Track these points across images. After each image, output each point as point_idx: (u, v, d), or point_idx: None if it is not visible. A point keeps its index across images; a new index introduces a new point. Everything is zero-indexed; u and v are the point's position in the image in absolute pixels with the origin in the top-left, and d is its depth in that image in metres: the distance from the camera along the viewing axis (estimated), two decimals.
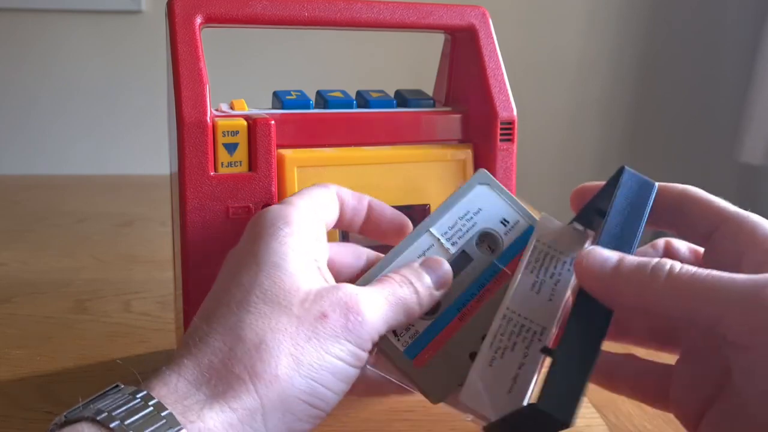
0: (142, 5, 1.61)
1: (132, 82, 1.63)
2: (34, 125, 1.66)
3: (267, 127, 0.36)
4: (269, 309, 0.27)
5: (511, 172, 0.41)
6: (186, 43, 0.35)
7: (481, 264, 0.33)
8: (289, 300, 0.27)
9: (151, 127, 1.61)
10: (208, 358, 0.26)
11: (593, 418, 0.37)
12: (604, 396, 0.40)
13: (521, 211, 0.34)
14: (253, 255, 0.29)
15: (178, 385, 0.25)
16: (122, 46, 1.63)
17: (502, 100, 0.41)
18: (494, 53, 0.42)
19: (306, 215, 0.30)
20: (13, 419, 0.36)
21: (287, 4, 0.37)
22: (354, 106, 0.40)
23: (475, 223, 0.34)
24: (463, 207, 0.34)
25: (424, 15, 0.40)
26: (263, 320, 0.26)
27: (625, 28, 1.73)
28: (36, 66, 1.63)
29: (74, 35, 1.63)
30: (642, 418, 0.37)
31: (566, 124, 1.76)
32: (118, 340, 0.46)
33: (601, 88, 1.75)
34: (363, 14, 0.39)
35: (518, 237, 0.34)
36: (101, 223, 0.78)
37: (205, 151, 0.35)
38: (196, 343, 0.26)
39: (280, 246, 0.28)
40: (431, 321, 0.32)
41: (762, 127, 1.53)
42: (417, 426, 0.36)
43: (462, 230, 0.34)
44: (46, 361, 0.42)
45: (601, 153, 1.78)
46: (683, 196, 0.32)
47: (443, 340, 0.32)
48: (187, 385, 0.25)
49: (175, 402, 0.24)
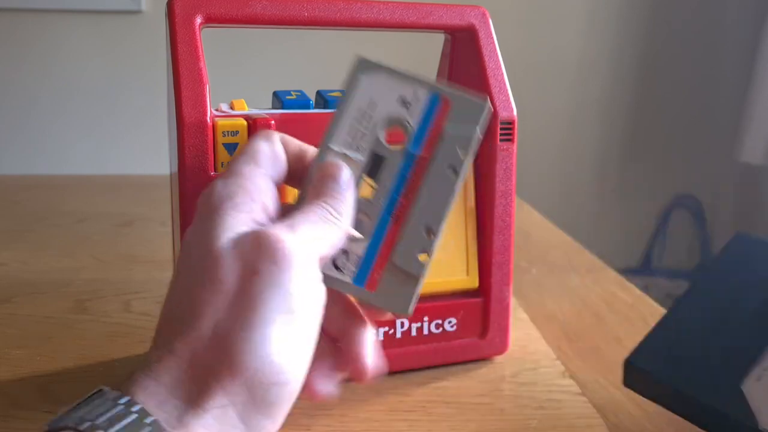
0: (142, 5, 1.61)
1: (132, 82, 1.63)
2: (35, 125, 1.66)
3: (267, 127, 0.36)
4: (213, 298, 0.26)
5: (511, 172, 0.41)
6: (186, 43, 0.35)
7: (396, 158, 0.30)
8: (225, 282, 0.26)
9: (151, 127, 1.60)
10: (175, 362, 0.25)
11: (593, 418, 0.37)
12: (604, 396, 0.40)
13: (417, 82, 0.31)
14: (196, 240, 0.28)
15: (157, 390, 0.25)
16: (122, 46, 1.63)
17: (502, 100, 0.41)
18: (494, 53, 0.42)
19: (250, 182, 0.29)
20: (13, 419, 0.36)
21: (287, 4, 0.38)
22: None
23: (372, 118, 0.31)
24: (354, 108, 0.31)
25: (424, 15, 0.40)
26: (209, 311, 0.26)
27: (625, 28, 1.73)
28: (36, 66, 1.63)
29: (74, 35, 1.63)
30: (642, 418, 0.37)
31: (566, 124, 1.75)
32: (118, 340, 0.46)
33: (601, 88, 1.75)
34: (363, 14, 0.39)
35: (424, 112, 0.31)
36: (101, 223, 0.78)
37: (205, 150, 0.35)
38: (160, 346, 0.26)
39: (214, 228, 0.27)
40: (369, 240, 0.30)
41: (762, 127, 1.53)
42: (417, 425, 0.36)
43: (363, 132, 0.31)
44: (46, 361, 0.42)
45: (601, 153, 1.78)
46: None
47: (387, 252, 0.30)
48: (164, 389, 0.25)
49: (156, 408, 0.24)
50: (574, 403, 0.39)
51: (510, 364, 0.43)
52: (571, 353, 0.45)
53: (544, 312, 0.52)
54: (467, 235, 0.42)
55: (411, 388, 0.40)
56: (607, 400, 0.39)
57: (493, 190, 0.41)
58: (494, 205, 0.41)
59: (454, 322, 0.42)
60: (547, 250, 0.69)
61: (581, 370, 0.43)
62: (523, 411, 0.38)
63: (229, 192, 0.28)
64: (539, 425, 0.36)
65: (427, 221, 0.30)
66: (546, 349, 0.46)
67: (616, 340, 0.47)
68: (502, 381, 0.41)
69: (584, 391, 0.40)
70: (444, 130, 0.30)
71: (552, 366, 0.43)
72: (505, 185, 0.41)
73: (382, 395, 0.39)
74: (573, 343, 0.47)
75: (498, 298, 0.42)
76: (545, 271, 0.62)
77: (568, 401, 0.39)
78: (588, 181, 1.78)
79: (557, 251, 0.69)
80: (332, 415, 0.37)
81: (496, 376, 0.42)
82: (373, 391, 0.39)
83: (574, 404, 0.39)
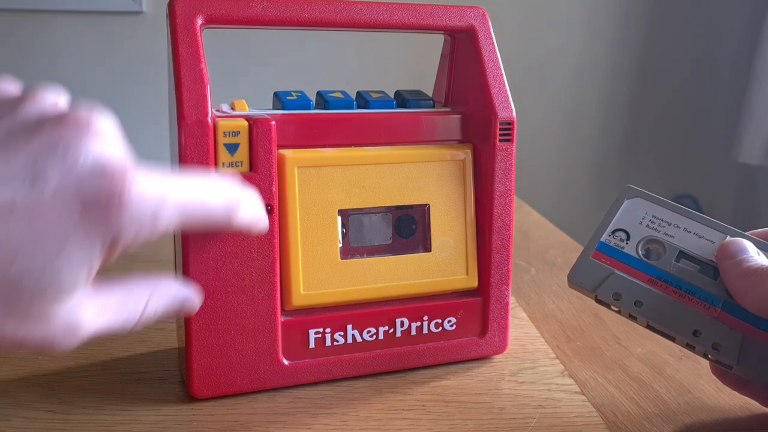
0: (144, 6, 1.61)
1: (133, 82, 1.64)
2: None
3: (268, 128, 0.36)
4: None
5: (510, 172, 0.42)
6: (187, 44, 0.35)
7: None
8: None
9: (152, 128, 1.61)
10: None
11: (592, 416, 0.37)
12: (603, 394, 0.40)
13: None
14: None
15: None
16: (123, 47, 1.63)
17: (502, 100, 0.41)
18: (494, 54, 0.42)
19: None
20: (14, 418, 0.36)
21: (288, 5, 0.38)
22: (354, 107, 0.40)
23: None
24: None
25: (424, 16, 0.41)
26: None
27: (624, 29, 1.73)
28: (37, 66, 1.63)
29: (75, 36, 1.63)
30: (641, 416, 0.38)
31: (565, 125, 1.76)
32: (119, 340, 0.46)
33: (600, 89, 1.75)
34: (363, 15, 0.39)
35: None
36: None
37: (206, 151, 0.35)
38: None
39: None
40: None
41: (760, 128, 1.53)
42: (417, 425, 0.36)
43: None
44: (47, 361, 0.42)
45: (601, 153, 1.78)
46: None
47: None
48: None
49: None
50: (572, 402, 0.39)
51: (509, 363, 0.44)
52: (570, 352, 0.45)
53: (543, 311, 0.53)
54: (466, 235, 0.42)
55: (411, 387, 0.40)
56: (605, 398, 0.39)
57: (492, 190, 0.41)
58: (493, 205, 0.41)
59: (454, 322, 0.42)
60: (546, 250, 0.69)
61: (580, 369, 0.43)
62: (522, 410, 0.38)
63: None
64: (538, 424, 0.37)
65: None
66: (545, 348, 0.46)
67: (615, 339, 0.48)
68: (502, 380, 0.41)
69: (583, 390, 0.40)
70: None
71: (551, 365, 0.44)
72: (504, 185, 0.42)
73: (382, 394, 0.39)
74: (572, 342, 0.47)
75: (497, 297, 0.43)
76: (544, 271, 0.63)
77: (567, 400, 0.39)
78: (587, 181, 1.79)
79: (556, 251, 0.69)
80: (333, 414, 0.37)
81: (495, 375, 0.42)
82: (373, 391, 0.40)
83: (573, 403, 0.39)
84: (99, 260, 0.26)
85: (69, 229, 0.24)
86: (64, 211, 0.24)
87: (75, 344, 0.27)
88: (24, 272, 0.24)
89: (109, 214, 0.25)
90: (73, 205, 0.24)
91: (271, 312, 0.38)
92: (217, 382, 0.37)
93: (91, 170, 0.24)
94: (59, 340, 0.26)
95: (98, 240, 0.25)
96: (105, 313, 0.28)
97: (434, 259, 0.41)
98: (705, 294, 0.36)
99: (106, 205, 0.25)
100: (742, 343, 0.34)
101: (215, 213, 0.30)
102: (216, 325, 0.37)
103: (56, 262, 0.24)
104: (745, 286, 0.33)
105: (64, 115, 0.25)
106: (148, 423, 0.36)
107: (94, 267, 0.26)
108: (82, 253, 0.25)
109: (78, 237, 0.24)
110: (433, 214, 0.41)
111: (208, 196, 0.29)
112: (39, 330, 0.25)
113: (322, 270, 0.39)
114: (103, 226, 0.25)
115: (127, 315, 0.29)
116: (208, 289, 0.36)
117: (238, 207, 0.31)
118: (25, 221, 0.23)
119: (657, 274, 0.36)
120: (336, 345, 0.40)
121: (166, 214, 0.27)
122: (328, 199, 0.39)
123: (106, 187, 0.25)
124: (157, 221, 0.26)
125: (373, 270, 0.40)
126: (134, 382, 0.40)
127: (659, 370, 0.43)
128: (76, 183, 0.24)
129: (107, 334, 0.28)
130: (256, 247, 0.36)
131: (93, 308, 0.27)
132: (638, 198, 0.39)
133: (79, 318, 0.26)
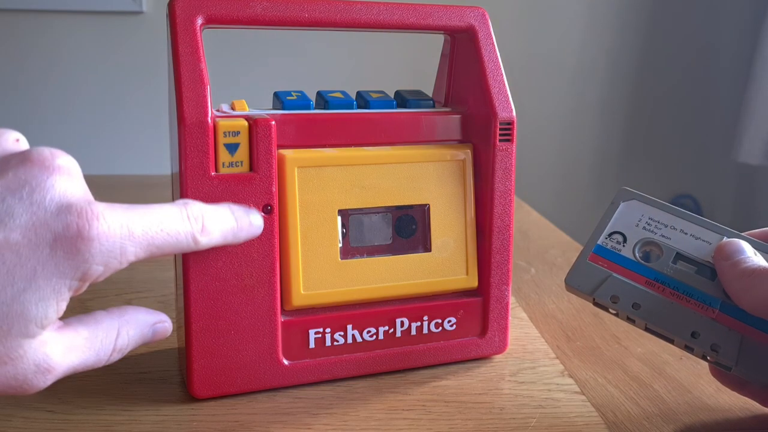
0: (144, 6, 1.61)
1: (133, 82, 1.64)
2: (35, 126, 1.66)
3: (268, 128, 0.36)
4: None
5: (510, 172, 0.42)
6: (187, 44, 0.35)
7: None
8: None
9: (152, 128, 1.61)
10: None
11: (592, 416, 0.37)
12: (603, 394, 0.40)
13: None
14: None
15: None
16: (123, 47, 1.63)
17: (502, 100, 0.41)
18: (493, 54, 0.42)
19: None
20: (14, 418, 0.36)
21: (288, 5, 0.38)
22: (354, 107, 0.40)
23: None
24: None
25: (424, 16, 0.41)
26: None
27: (624, 29, 1.73)
28: (37, 67, 1.63)
29: (75, 36, 1.63)
30: (641, 416, 0.38)
31: (565, 125, 1.76)
32: None
33: (600, 89, 1.75)
34: (363, 15, 0.39)
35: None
36: None
37: (206, 151, 0.35)
38: None
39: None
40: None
41: (760, 127, 1.53)
42: (417, 425, 0.36)
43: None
44: None
45: (601, 153, 1.78)
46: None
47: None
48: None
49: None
50: (572, 402, 0.39)
51: (509, 363, 0.44)
52: (570, 352, 0.45)
53: (543, 311, 0.53)
54: (466, 235, 0.42)
55: (411, 387, 0.40)
56: (605, 398, 0.39)
57: (492, 190, 0.41)
58: (493, 205, 0.41)
59: (454, 322, 0.42)
60: (546, 250, 0.69)
61: (580, 369, 0.43)
62: (522, 410, 0.38)
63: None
64: (538, 424, 0.37)
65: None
66: (545, 348, 0.46)
67: (615, 339, 0.48)
68: (502, 380, 0.41)
69: (583, 390, 0.40)
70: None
71: (551, 365, 0.44)
72: (504, 185, 0.42)
73: (382, 394, 0.39)
74: (572, 342, 0.47)
75: (497, 297, 0.43)
76: (544, 271, 0.63)
77: (566, 400, 0.39)
78: (587, 181, 1.79)
79: (556, 251, 0.69)
80: (333, 414, 0.37)
81: (495, 375, 0.42)
82: (373, 391, 0.40)
83: (573, 403, 0.39)
84: (68, 295, 0.26)
85: (38, 265, 0.25)
86: (34, 247, 0.25)
87: (48, 383, 0.27)
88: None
89: (77, 248, 0.25)
90: (42, 241, 0.25)
91: (271, 312, 0.38)
92: (217, 382, 0.37)
93: (58, 207, 0.25)
94: (30, 378, 0.26)
95: (68, 274, 0.25)
96: (75, 350, 0.28)
97: (434, 259, 0.41)
98: (702, 295, 0.35)
99: (75, 240, 0.25)
100: (740, 344, 0.34)
101: (179, 239, 0.30)
102: (216, 325, 0.37)
103: (24, 295, 0.25)
104: (743, 286, 0.33)
105: (28, 154, 0.26)
106: (148, 423, 0.36)
107: (62, 302, 0.26)
108: (51, 288, 0.25)
109: (47, 272, 0.25)
110: (433, 214, 0.41)
111: (168, 224, 0.29)
112: (8, 369, 0.25)
113: (322, 270, 0.39)
114: (72, 260, 0.25)
115: (98, 349, 0.29)
116: (208, 290, 0.36)
117: (199, 231, 0.31)
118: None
119: (654, 276, 0.36)
120: (336, 345, 0.40)
121: (132, 245, 0.27)
122: (328, 199, 0.39)
123: (74, 223, 0.25)
124: (125, 253, 0.27)
125: (373, 270, 0.40)
126: (134, 382, 0.40)
127: (659, 370, 0.43)
128: (44, 220, 0.25)
129: (82, 370, 0.28)
130: (256, 247, 0.36)
131: (61, 346, 0.27)
132: (634, 200, 0.39)
133: (48, 355, 0.26)
